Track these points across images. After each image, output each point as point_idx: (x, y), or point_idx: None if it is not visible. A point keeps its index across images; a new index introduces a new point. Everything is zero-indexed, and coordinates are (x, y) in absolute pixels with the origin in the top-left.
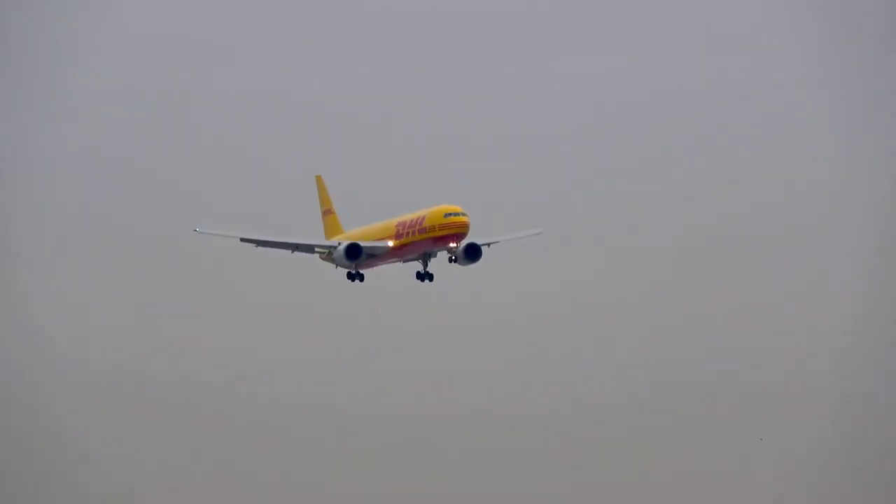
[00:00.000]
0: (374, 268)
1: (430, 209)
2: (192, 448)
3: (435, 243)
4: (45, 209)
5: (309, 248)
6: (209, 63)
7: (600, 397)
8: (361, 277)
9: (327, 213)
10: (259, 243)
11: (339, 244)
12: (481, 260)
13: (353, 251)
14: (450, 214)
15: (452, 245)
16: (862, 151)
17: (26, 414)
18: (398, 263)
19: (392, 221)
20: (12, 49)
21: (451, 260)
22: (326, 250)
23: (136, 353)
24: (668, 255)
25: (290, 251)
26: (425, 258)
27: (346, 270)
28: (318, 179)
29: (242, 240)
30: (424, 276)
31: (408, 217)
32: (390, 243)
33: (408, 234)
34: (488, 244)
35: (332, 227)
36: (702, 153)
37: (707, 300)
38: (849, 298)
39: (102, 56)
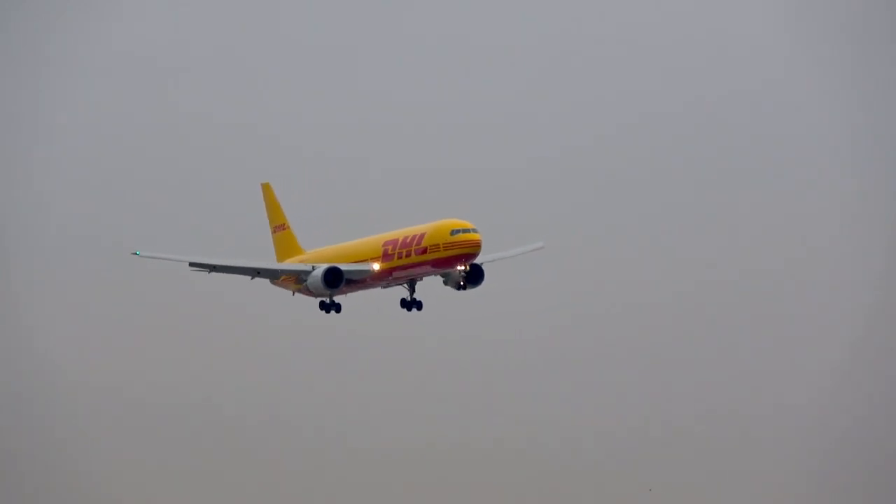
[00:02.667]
0: (347, 294)
1: (429, 225)
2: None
3: (437, 266)
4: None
5: (273, 273)
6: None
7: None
8: (338, 308)
9: (280, 228)
10: (212, 269)
11: (314, 268)
12: (483, 283)
13: (334, 277)
14: (458, 231)
15: (460, 268)
16: (880, 166)
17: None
18: (376, 289)
19: (376, 239)
20: None
21: (459, 286)
22: (295, 275)
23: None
24: (677, 272)
25: (249, 277)
26: (412, 283)
27: (320, 299)
28: (266, 188)
29: (192, 265)
30: (411, 303)
31: (399, 234)
32: (376, 266)
33: (400, 254)
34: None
35: (286, 246)
36: (713, 168)
37: (715, 319)
38: (857, 319)
39: (83, 71)
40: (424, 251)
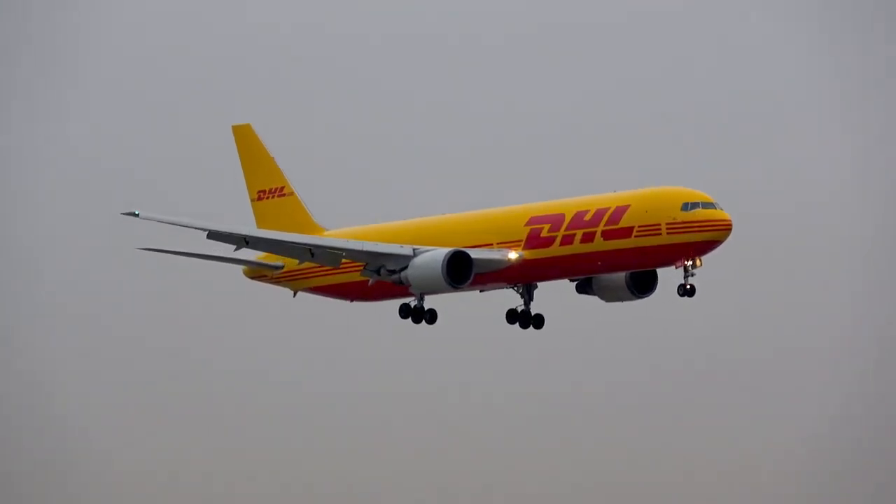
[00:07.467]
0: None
1: (627, 193)
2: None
3: (646, 259)
4: None
5: (334, 256)
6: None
7: None
8: (432, 316)
9: (273, 194)
10: (245, 241)
11: (416, 252)
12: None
13: (461, 265)
14: (695, 205)
15: (688, 264)
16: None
17: None
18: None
19: (513, 213)
20: None
21: (684, 290)
22: (365, 261)
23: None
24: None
25: (296, 260)
26: (530, 287)
27: (402, 302)
28: (244, 132)
29: (210, 235)
30: (528, 317)
31: (559, 207)
32: (512, 255)
33: (568, 238)
34: None
35: (285, 219)
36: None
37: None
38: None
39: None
40: (627, 233)
